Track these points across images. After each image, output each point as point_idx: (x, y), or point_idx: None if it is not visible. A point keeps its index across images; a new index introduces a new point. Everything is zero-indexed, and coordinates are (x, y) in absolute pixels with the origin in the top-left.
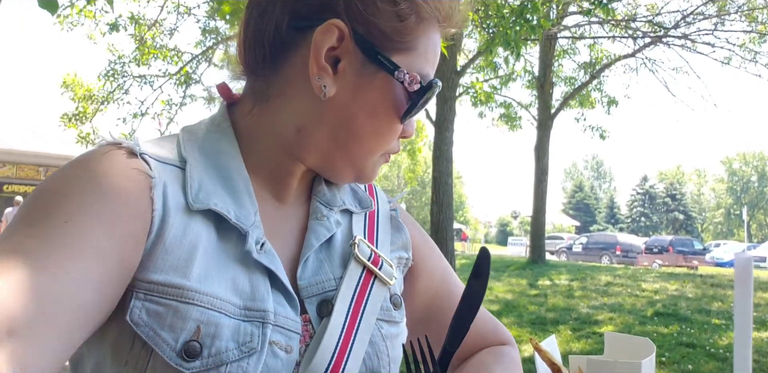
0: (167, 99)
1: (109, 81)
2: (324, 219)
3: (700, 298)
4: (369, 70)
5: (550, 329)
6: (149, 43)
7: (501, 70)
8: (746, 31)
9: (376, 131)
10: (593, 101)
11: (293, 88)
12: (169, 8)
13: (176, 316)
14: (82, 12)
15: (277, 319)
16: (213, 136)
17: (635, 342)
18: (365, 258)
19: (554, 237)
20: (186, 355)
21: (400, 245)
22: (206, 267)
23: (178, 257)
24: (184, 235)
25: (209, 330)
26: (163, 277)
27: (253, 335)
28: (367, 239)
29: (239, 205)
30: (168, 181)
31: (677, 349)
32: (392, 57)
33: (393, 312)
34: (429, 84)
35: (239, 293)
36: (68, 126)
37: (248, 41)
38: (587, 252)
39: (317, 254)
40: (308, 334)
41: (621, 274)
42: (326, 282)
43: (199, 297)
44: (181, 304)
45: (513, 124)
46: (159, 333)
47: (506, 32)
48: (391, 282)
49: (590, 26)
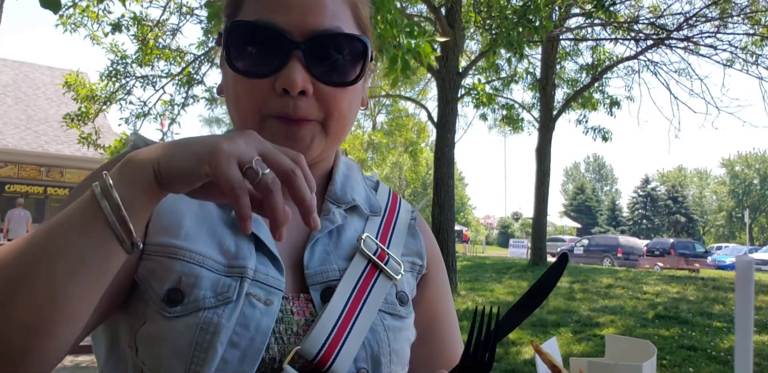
0: (169, 100)
1: (111, 81)
2: (330, 214)
3: (701, 301)
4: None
5: (551, 331)
6: (152, 44)
7: (503, 72)
8: (749, 34)
9: (230, 95)
10: (595, 103)
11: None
12: (172, 9)
13: (163, 269)
14: (85, 12)
15: (257, 275)
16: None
17: (636, 345)
18: (370, 252)
19: (555, 239)
20: (169, 300)
21: (414, 250)
22: (195, 229)
23: (169, 221)
24: (174, 204)
25: (189, 280)
26: (157, 239)
27: (231, 287)
28: (379, 239)
29: None
30: None
31: (678, 352)
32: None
33: (398, 307)
34: (225, 29)
35: (224, 252)
36: (70, 126)
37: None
38: (588, 254)
39: (325, 246)
40: (308, 310)
41: (622, 276)
42: (331, 272)
43: (182, 252)
44: (168, 259)
45: (515, 125)
46: (151, 284)
47: (509, 34)
48: (396, 277)
49: (592, 28)
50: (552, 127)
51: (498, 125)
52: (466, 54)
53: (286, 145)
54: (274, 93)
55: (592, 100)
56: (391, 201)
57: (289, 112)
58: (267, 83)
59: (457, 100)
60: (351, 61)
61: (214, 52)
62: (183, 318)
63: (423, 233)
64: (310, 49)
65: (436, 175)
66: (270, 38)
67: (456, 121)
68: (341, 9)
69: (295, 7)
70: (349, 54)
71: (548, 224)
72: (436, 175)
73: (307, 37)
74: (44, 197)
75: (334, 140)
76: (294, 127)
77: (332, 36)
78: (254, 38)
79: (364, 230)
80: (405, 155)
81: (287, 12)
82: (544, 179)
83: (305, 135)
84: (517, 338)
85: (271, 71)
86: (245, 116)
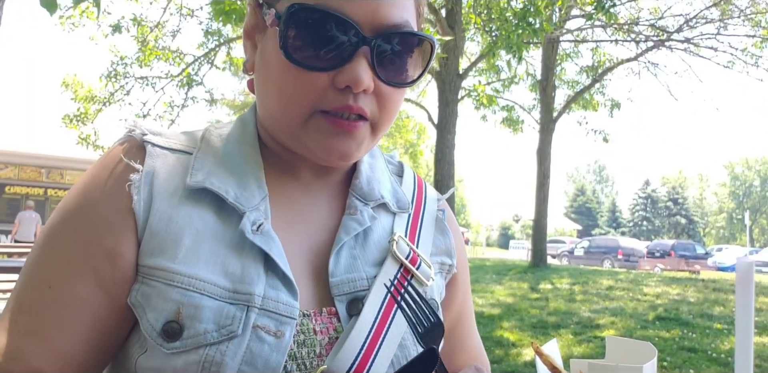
0: (169, 101)
1: (111, 82)
2: (357, 213)
3: (701, 302)
4: (264, 28)
5: (551, 333)
6: (151, 45)
7: (503, 73)
8: (749, 36)
9: (276, 85)
10: (595, 104)
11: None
12: (172, 10)
13: (159, 297)
14: (84, 13)
15: (266, 303)
16: (235, 127)
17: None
18: (403, 256)
19: (556, 241)
20: (166, 335)
21: (443, 249)
22: (194, 249)
23: (164, 240)
24: (170, 219)
25: (189, 311)
26: (152, 260)
27: (234, 318)
28: (408, 238)
29: (243, 188)
30: (164, 167)
31: (679, 353)
32: (276, 4)
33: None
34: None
35: (229, 275)
36: (69, 127)
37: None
38: (589, 256)
39: (351, 250)
40: (332, 327)
41: (623, 278)
42: (358, 281)
43: (180, 279)
44: (164, 285)
45: (515, 127)
46: (146, 313)
47: (509, 36)
48: (428, 283)
49: (593, 30)
50: (552, 128)
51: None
52: (466, 55)
53: (335, 143)
54: (332, 88)
55: (592, 101)
56: (417, 190)
57: (348, 110)
58: (326, 77)
59: (457, 101)
60: (415, 61)
61: (214, 53)
62: (183, 355)
63: (451, 228)
64: (379, 46)
65: (436, 176)
66: (339, 30)
67: (456, 123)
68: (407, 1)
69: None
70: (415, 54)
71: (548, 225)
72: (436, 177)
73: (377, 32)
74: (44, 198)
75: (377, 140)
76: (348, 126)
77: (402, 34)
78: (320, 27)
79: (393, 227)
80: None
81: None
82: (544, 181)
83: (358, 135)
84: (517, 340)
85: (334, 65)
86: (291, 109)
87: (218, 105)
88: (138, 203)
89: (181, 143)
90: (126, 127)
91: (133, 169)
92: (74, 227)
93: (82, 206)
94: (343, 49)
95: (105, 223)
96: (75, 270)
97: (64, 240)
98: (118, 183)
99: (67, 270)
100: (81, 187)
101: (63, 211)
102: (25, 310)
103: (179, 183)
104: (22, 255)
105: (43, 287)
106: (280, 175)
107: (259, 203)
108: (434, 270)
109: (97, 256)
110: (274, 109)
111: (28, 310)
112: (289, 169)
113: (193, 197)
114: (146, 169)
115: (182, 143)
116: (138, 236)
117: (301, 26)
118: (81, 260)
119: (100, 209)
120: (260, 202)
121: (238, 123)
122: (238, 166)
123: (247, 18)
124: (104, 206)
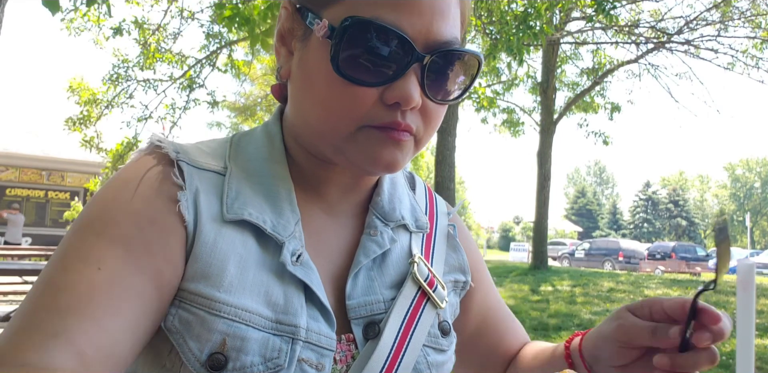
0: (171, 103)
1: (113, 85)
2: (377, 235)
3: None
4: (307, 36)
5: (552, 336)
6: (153, 48)
7: (504, 76)
8: (749, 37)
9: (320, 97)
10: (596, 107)
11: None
12: (173, 13)
13: (203, 326)
14: (86, 16)
15: (309, 335)
16: (261, 141)
17: None
18: (422, 278)
19: (557, 243)
20: (210, 367)
21: (456, 266)
22: (239, 277)
23: (209, 266)
24: (215, 244)
25: (235, 343)
26: (194, 285)
27: (281, 351)
28: (423, 256)
29: (278, 214)
30: (202, 188)
31: None
32: (323, 13)
33: (440, 339)
34: (342, 24)
35: (272, 305)
36: (72, 130)
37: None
38: (590, 258)
39: (368, 271)
40: (350, 354)
41: (623, 280)
42: (375, 305)
43: (226, 309)
44: (209, 315)
45: (516, 129)
46: (187, 342)
47: (509, 38)
48: (442, 306)
49: (593, 32)
50: (553, 130)
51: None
52: None
53: (383, 152)
54: (380, 103)
55: (593, 103)
56: (429, 206)
57: (396, 126)
58: (374, 93)
59: (458, 103)
60: (463, 79)
61: (216, 55)
62: None
63: (463, 241)
64: (430, 63)
65: (437, 178)
66: (393, 45)
67: (457, 125)
68: (456, 13)
69: (426, 10)
70: (462, 70)
71: (549, 227)
72: (437, 179)
73: (430, 49)
74: (45, 200)
75: (417, 154)
76: (398, 136)
77: (452, 52)
78: (375, 42)
79: (411, 247)
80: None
81: (417, 15)
82: (545, 183)
83: (404, 146)
84: None
85: (384, 81)
86: (338, 123)
87: (219, 107)
88: (189, 224)
89: (210, 163)
90: (151, 141)
91: (178, 186)
92: (131, 221)
93: (141, 206)
94: (395, 64)
95: (164, 232)
96: (134, 259)
97: (119, 231)
98: (169, 198)
99: (124, 257)
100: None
101: (107, 202)
102: (67, 289)
103: (218, 207)
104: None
105: (90, 268)
106: (307, 194)
107: (294, 229)
108: (447, 290)
109: (158, 256)
110: (316, 123)
111: (72, 289)
112: (317, 186)
113: (234, 224)
114: (188, 189)
115: (212, 163)
116: (185, 256)
117: (356, 40)
118: (141, 253)
119: (158, 218)
120: (295, 227)
121: (264, 138)
122: (271, 189)
123: (281, 22)
124: (163, 216)
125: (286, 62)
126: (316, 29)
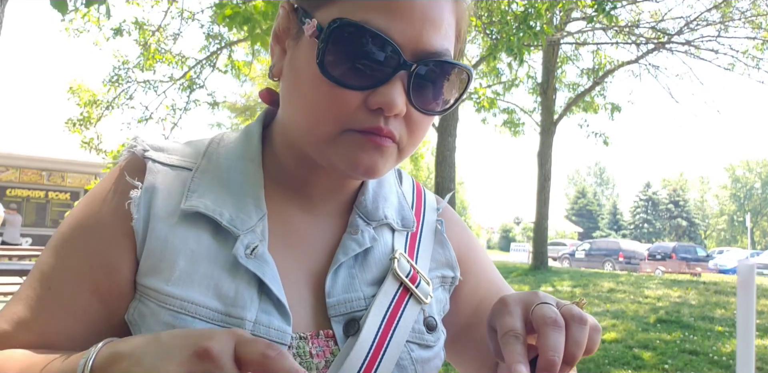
0: (171, 104)
1: (113, 86)
2: (358, 233)
3: (703, 305)
4: (299, 36)
5: None
6: (153, 49)
7: (504, 76)
8: (750, 38)
9: (306, 98)
10: (596, 107)
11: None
12: (173, 13)
13: (153, 318)
14: (86, 17)
15: (257, 328)
16: (239, 139)
17: None
18: (403, 274)
19: (557, 243)
20: None
21: (443, 262)
22: (188, 271)
23: (160, 261)
24: (166, 240)
25: None
26: (147, 280)
27: None
28: (407, 253)
29: (239, 208)
30: (164, 185)
31: (680, 356)
32: (316, 13)
33: (426, 335)
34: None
35: (222, 297)
36: (72, 131)
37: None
38: (590, 258)
39: (350, 269)
40: (328, 350)
41: (624, 280)
42: (356, 302)
43: (173, 301)
44: (158, 307)
45: (516, 130)
46: (142, 332)
47: (509, 38)
48: (426, 301)
49: (593, 32)
50: (553, 131)
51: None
52: (466, 58)
53: (363, 156)
54: (363, 108)
55: (593, 104)
56: (416, 202)
57: (378, 132)
58: (358, 96)
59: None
60: (450, 90)
61: (216, 56)
62: None
63: (454, 233)
64: (417, 72)
65: (437, 179)
66: (380, 50)
67: (457, 126)
68: (450, 24)
69: (417, 19)
70: (450, 83)
71: (549, 228)
72: (437, 180)
73: (418, 58)
74: (46, 201)
75: (399, 163)
76: (379, 140)
77: (442, 63)
78: (362, 46)
79: (394, 244)
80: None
81: (408, 22)
82: (545, 183)
83: (386, 151)
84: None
85: (369, 86)
86: (320, 126)
87: (220, 108)
88: (138, 221)
89: (182, 159)
90: (128, 143)
91: (132, 186)
92: (79, 237)
93: (89, 217)
94: (381, 70)
95: (107, 238)
96: (76, 277)
97: (69, 248)
98: (119, 200)
99: (68, 276)
100: (89, 199)
101: (72, 219)
102: (22, 303)
103: (177, 203)
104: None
105: (44, 287)
106: (286, 192)
107: (255, 223)
108: (434, 286)
109: (96, 268)
110: (301, 122)
111: (26, 304)
112: (299, 186)
113: (190, 218)
114: (146, 186)
115: (183, 159)
116: (137, 255)
117: (343, 42)
118: (82, 269)
119: (103, 224)
120: (257, 222)
121: (243, 136)
122: (238, 185)
123: (278, 21)
124: (107, 221)
125: (279, 61)
126: (306, 29)
